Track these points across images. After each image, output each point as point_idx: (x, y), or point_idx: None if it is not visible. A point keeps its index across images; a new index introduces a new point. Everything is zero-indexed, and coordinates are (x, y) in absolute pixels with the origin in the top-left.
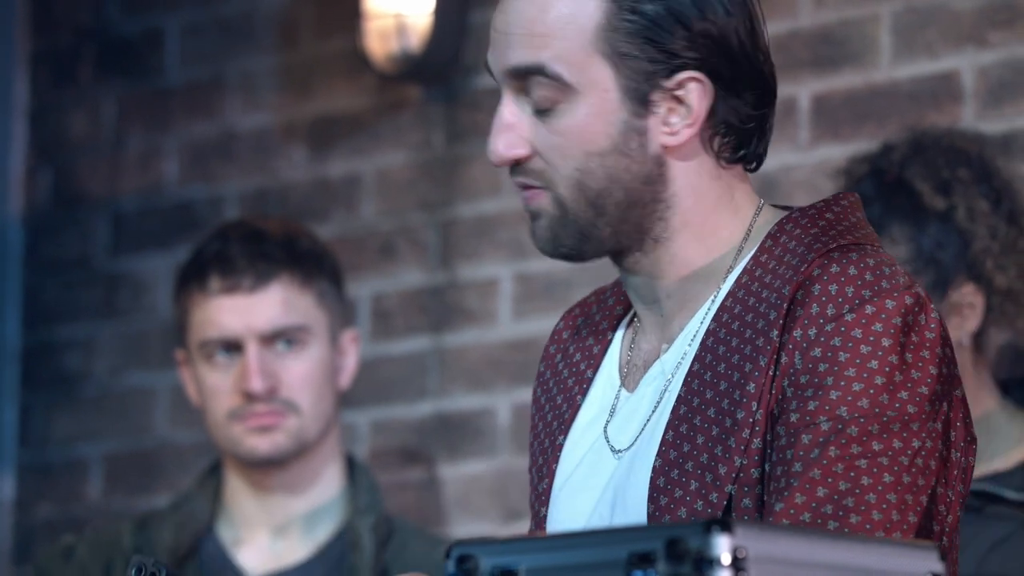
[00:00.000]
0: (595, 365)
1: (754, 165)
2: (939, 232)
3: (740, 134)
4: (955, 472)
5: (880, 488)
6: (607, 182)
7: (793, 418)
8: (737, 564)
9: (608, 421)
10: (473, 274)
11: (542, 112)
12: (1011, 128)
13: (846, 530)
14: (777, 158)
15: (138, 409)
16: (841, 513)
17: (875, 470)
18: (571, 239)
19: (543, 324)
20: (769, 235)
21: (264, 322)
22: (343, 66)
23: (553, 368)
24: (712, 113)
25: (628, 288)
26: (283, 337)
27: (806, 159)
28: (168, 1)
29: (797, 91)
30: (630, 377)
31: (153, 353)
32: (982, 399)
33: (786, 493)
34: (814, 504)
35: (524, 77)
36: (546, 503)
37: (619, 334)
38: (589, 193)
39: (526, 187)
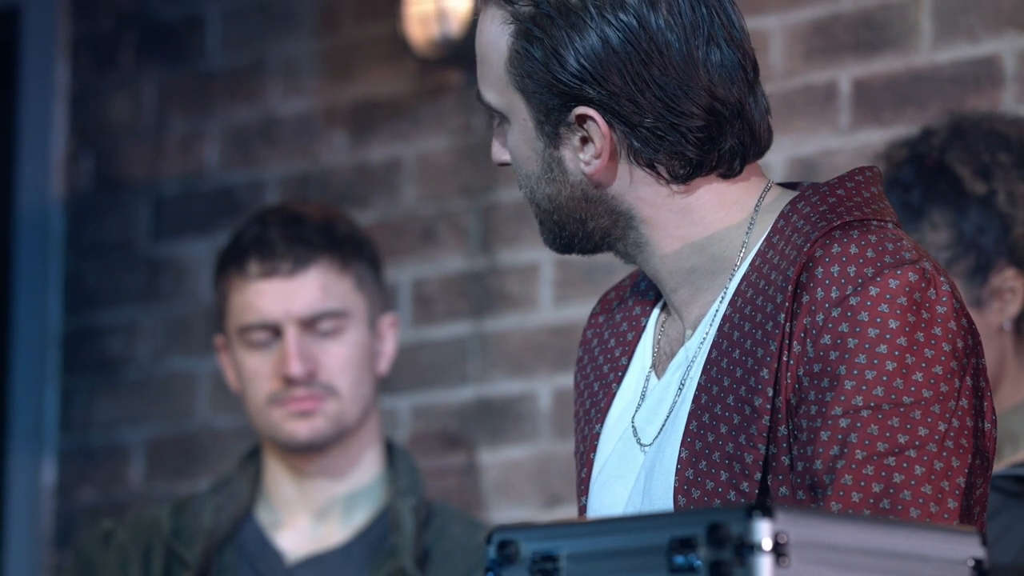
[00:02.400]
0: (629, 351)
1: (726, 169)
2: (980, 217)
3: (674, 156)
4: (988, 443)
5: (913, 483)
6: (549, 202)
7: (812, 410)
8: (778, 549)
9: (637, 409)
10: (514, 259)
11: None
12: None
13: None
14: (818, 142)
15: (179, 394)
16: (880, 516)
17: (905, 465)
18: (553, 239)
19: (584, 309)
20: (781, 215)
21: (303, 306)
22: (384, 51)
23: (590, 353)
24: (626, 141)
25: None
26: (322, 321)
27: (847, 143)
28: None
29: (838, 75)
30: (660, 363)
31: (194, 338)
32: None
33: (820, 502)
34: (851, 511)
35: None
36: (586, 492)
37: (652, 319)
38: (543, 205)
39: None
